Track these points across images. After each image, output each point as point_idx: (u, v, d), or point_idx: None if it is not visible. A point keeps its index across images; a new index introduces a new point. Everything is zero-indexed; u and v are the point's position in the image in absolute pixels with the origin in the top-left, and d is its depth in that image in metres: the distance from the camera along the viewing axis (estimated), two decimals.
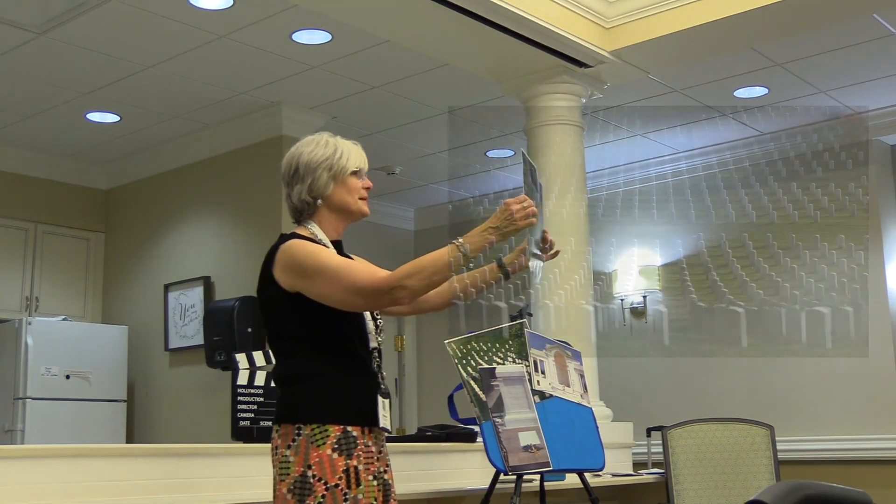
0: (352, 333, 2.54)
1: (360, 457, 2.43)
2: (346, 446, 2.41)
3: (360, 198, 2.63)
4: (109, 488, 3.25)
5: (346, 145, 2.64)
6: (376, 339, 2.61)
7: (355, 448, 2.42)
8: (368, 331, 2.59)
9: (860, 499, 1.63)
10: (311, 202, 2.60)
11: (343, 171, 2.58)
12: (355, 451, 2.42)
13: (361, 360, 2.55)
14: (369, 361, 2.57)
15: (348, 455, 2.41)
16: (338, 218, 2.63)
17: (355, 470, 2.41)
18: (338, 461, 2.39)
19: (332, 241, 2.61)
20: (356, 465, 2.41)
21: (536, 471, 3.64)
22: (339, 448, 2.40)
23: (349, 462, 2.40)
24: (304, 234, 2.59)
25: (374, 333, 2.61)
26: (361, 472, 2.42)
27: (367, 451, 2.47)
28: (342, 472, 2.39)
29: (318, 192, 2.59)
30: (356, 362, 2.53)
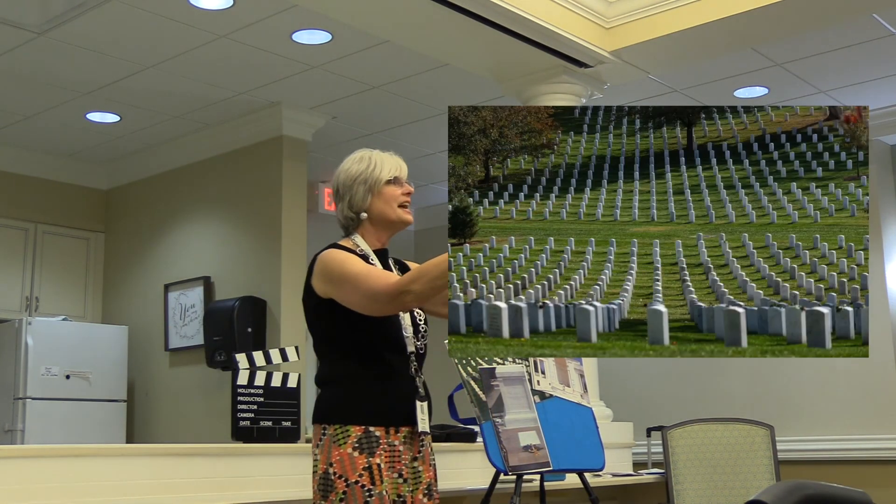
0: (379, 338, 2.62)
1: (382, 455, 2.51)
2: (368, 445, 2.51)
3: (399, 205, 2.71)
4: (109, 488, 3.25)
5: (380, 157, 2.73)
6: (414, 343, 2.68)
7: (378, 447, 2.51)
8: (406, 335, 2.66)
9: (860, 499, 1.63)
10: (355, 217, 2.72)
11: (377, 182, 2.68)
12: (377, 450, 2.51)
13: (389, 363, 2.61)
14: (401, 365, 2.64)
15: (370, 453, 2.50)
16: (380, 228, 2.73)
17: (378, 467, 2.49)
18: (359, 459, 2.49)
19: (378, 251, 2.73)
20: (378, 463, 2.50)
21: (536, 471, 3.64)
22: (359, 447, 2.50)
23: (371, 460, 2.49)
24: (347, 244, 2.69)
25: (413, 338, 2.68)
26: (384, 470, 2.50)
27: (393, 450, 2.55)
28: (363, 469, 2.48)
29: (357, 206, 2.70)
30: (383, 366, 2.61)
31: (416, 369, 2.66)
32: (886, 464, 6.39)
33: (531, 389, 3.69)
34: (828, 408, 6.68)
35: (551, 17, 4.95)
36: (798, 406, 6.75)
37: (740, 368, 7.02)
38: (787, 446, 5.94)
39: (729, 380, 7.04)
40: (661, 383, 7.30)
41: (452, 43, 5.18)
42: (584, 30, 5.15)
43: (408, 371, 2.64)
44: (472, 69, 5.59)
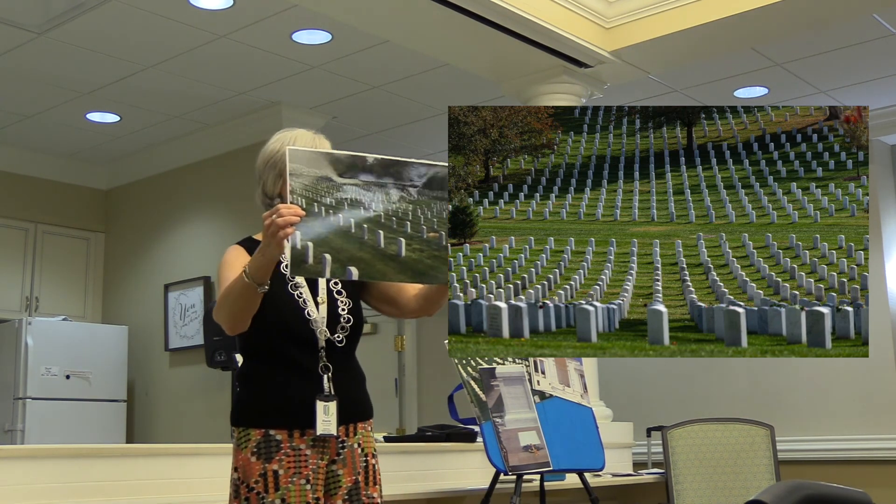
0: (282, 333, 2.44)
1: (281, 461, 2.36)
2: (266, 450, 2.37)
3: None
4: (109, 488, 3.25)
5: (294, 137, 2.53)
6: (326, 336, 2.46)
7: (277, 452, 2.37)
8: (315, 328, 2.46)
9: (860, 499, 1.63)
10: (270, 203, 2.54)
11: (285, 166, 2.36)
12: (276, 456, 2.37)
13: (293, 360, 2.43)
14: (310, 361, 2.44)
15: (267, 459, 2.36)
16: None
17: (274, 474, 2.35)
18: (255, 465, 2.37)
19: None
20: (275, 469, 2.35)
21: (536, 471, 3.64)
22: (258, 452, 2.37)
23: (267, 466, 2.36)
24: (260, 237, 2.42)
25: (325, 330, 2.46)
26: (282, 477, 2.35)
27: (298, 454, 2.38)
28: (259, 475, 2.36)
29: (269, 191, 2.56)
30: (287, 363, 2.43)
31: (326, 366, 2.43)
32: (886, 464, 6.39)
33: (531, 389, 3.69)
34: (828, 408, 6.68)
35: (551, 17, 4.95)
36: (798, 406, 6.75)
37: (740, 368, 7.02)
38: (787, 446, 5.93)
39: (729, 380, 7.04)
40: (661, 383, 7.30)
41: (452, 43, 5.18)
42: (584, 30, 5.14)
43: (317, 368, 2.43)
44: (472, 69, 5.59)
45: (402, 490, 3.86)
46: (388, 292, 2.61)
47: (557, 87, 5.46)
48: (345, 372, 2.49)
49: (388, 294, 2.61)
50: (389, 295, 2.61)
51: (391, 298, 2.61)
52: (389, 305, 2.62)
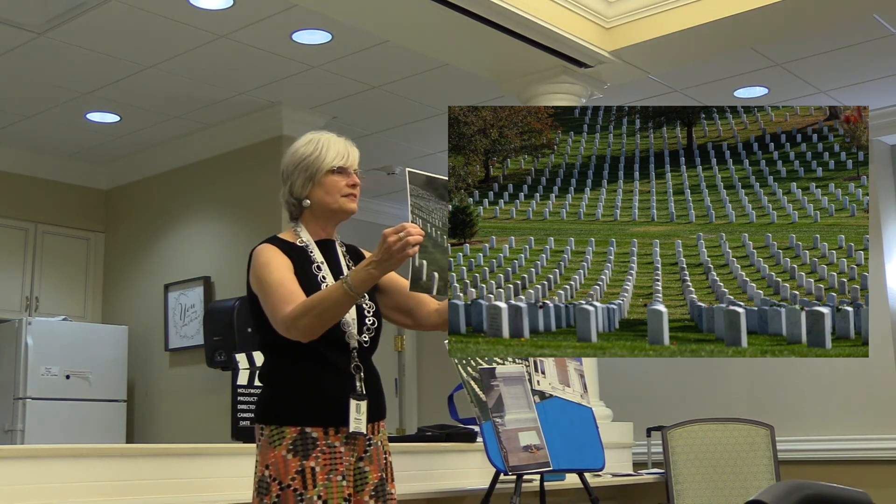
0: None
1: (318, 458, 2.40)
2: (303, 447, 2.40)
3: (343, 195, 2.55)
4: (109, 488, 3.25)
5: (328, 143, 2.57)
6: (356, 338, 2.53)
7: (314, 449, 2.41)
8: (346, 330, 2.51)
9: (860, 499, 1.63)
10: (296, 204, 2.58)
11: (319, 170, 2.53)
12: (313, 453, 2.40)
13: (326, 360, 2.48)
14: (341, 362, 2.50)
15: (304, 456, 2.40)
16: (321, 217, 2.59)
17: (311, 471, 2.39)
18: (292, 462, 2.39)
19: (321, 241, 2.59)
20: (313, 466, 2.39)
21: (536, 471, 3.64)
22: (294, 449, 2.40)
23: (304, 463, 2.39)
24: (287, 237, 2.58)
25: (354, 332, 2.53)
26: (319, 473, 2.39)
27: (333, 451, 2.43)
28: (295, 472, 2.38)
29: (297, 193, 2.57)
30: (320, 362, 2.47)
31: (358, 366, 2.51)
32: (886, 464, 6.39)
33: (531, 389, 3.69)
34: (828, 408, 6.68)
35: (551, 17, 4.95)
36: (798, 406, 6.76)
37: (740, 368, 7.02)
38: (787, 446, 5.93)
39: (729, 380, 7.04)
40: (661, 383, 7.30)
41: (452, 43, 5.18)
42: (584, 30, 5.15)
43: (348, 368, 2.50)
44: (472, 69, 5.59)
45: (401, 490, 3.85)
46: (407, 303, 2.65)
47: (557, 87, 5.46)
48: (369, 372, 2.56)
49: (407, 305, 2.65)
50: (408, 306, 2.65)
51: (409, 310, 2.66)
52: (405, 316, 2.67)
